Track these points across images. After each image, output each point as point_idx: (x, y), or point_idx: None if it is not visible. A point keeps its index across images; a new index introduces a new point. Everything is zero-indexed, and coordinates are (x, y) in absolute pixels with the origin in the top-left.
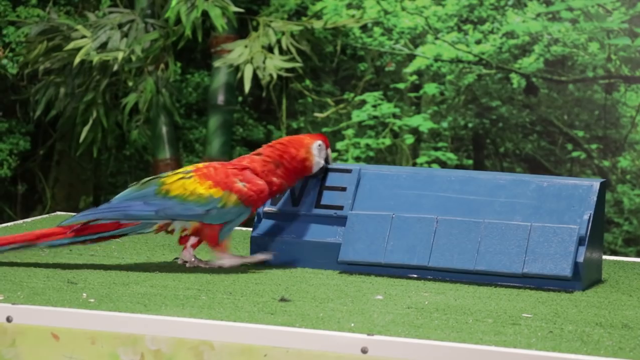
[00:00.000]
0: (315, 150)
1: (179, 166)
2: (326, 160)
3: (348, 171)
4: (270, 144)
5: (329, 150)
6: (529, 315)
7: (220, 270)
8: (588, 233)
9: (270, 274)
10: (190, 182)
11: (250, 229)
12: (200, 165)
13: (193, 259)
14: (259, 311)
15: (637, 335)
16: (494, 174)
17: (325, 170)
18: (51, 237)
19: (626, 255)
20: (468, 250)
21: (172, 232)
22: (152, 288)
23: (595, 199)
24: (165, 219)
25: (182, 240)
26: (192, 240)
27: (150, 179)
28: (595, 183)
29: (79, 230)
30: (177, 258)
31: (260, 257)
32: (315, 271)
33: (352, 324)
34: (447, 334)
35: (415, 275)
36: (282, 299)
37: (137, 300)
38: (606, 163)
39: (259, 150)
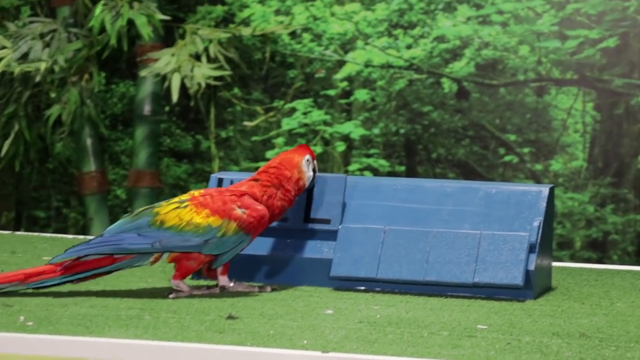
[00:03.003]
0: (305, 167)
1: (105, 179)
2: (314, 170)
3: None
4: (263, 168)
5: (315, 161)
6: (484, 327)
7: (162, 287)
8: (538, 240)
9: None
10: (185, 211)
11: None
12: (196, 193)
13: (232, 284)
14: (206, 330)
15: (595, 345)
16: (440, 182)
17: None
18: (40, 276)
19: (560, 259)
20: (417, 261)
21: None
22: (93, 308)
23: (544, 205)
24: (161, 251)
25: (210, 272)
26: (220, 268)
27: (144, 209)
28: (545, 189)
29: (69, 268)
30: (171, 293)
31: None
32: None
33: (305, 341)
34: (403, 348)
35: (363, 288)
36: (230, 317)
37: (77, 322)
38: (538, 167)
39: (255, 176)
